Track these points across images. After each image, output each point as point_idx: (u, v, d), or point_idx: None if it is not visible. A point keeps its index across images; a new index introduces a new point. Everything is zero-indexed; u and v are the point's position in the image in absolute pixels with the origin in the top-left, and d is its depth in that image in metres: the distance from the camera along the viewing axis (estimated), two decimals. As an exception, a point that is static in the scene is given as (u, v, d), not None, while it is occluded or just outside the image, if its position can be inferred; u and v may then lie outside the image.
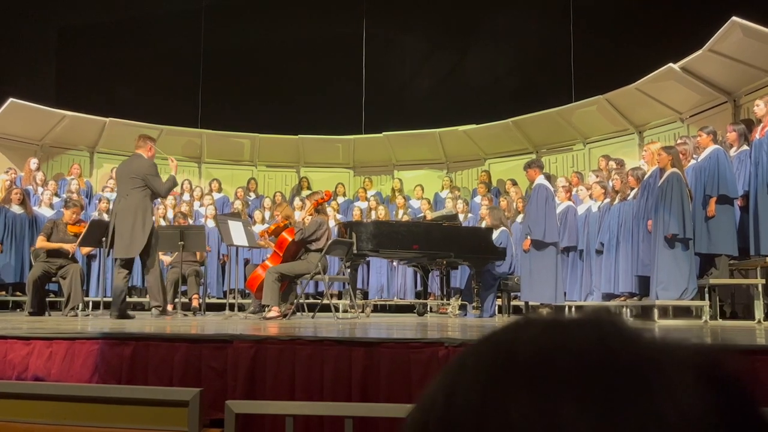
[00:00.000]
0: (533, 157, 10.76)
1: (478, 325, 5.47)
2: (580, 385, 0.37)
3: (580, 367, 0.38)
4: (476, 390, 0.39)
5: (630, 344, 0.40)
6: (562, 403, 0.36)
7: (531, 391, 0.37)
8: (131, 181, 6.33)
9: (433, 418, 0.40)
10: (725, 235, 6.48)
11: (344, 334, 3.45)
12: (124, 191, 6.41)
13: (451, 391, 0.40)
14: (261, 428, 2.73)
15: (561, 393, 0.37)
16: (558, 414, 0.36)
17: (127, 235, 6.22)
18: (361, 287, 10.36)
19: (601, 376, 0.37)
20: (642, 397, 0.36)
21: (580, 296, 8.37)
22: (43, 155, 11.53)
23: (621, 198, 7.73)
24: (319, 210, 7.08)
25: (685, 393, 0.37)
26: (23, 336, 3.23)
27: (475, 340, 0.44)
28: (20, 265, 9.07)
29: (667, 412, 0.36)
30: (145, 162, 6.46)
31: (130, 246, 6.24)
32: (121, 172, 6.56)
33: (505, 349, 0.41)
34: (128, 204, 6.28)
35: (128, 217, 6.25)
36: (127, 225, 6.24)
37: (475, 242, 8.07)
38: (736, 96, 8.79)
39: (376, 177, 12.99)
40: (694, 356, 0.40)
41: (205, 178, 12.71)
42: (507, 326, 0.43)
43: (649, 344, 0.40)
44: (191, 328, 4.41)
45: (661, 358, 0.39)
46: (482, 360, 0.41)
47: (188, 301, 8.52)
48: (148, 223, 6.34)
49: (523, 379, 0.38)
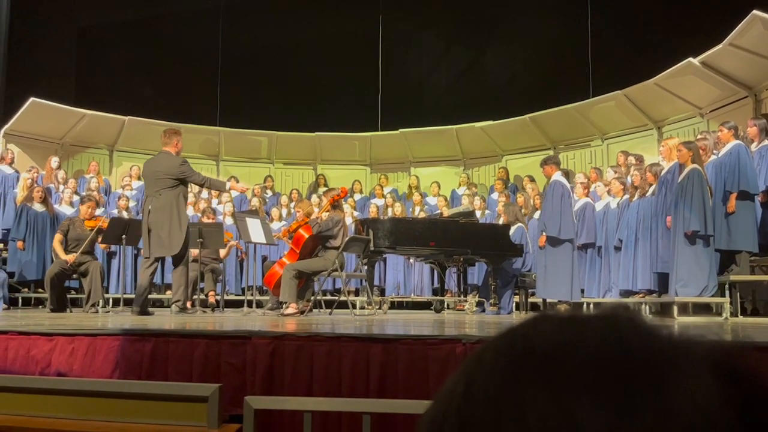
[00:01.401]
0: (550, 154, 10.71)
1: (496, 322, 5.46)
2: (596, 380, 0.37)
3: (597, 362, 0.38)
4: (493, 383, 0.39)
5: (647, 340, 0.40)
6: (578, 398, 0.37)
7: (547, 385, 0.38)
8: (162, 181, 6.24)
9: (452, 409, 0.40)
10: (745, 231, 6.41)
11: (362, 331, 3.46)
12: (155, 190, 6.28)
13: (469, 384, 0.41)
14: (279, 424, 2.75)
15: (577, 388, 0.37)
16: (574, 408, 0.36)
17: (165, 235, 6.16)
18: (378, 284, 10.37)
19: (617, 371, 0.38)
20: (658, 393, 0.37)
21: (599, 293, 8.32)
22: (64, 154, 11.67)
23: (640, 194, 7.66)
24: (335, 206, 7.09)
25: (701, 389, 0.37)
26: (46, 332, 3.28)
27: (494, 335, 0.44)
28: (42, 263, 9.19)
29: (683, 407, 0.36)
30: (175, 160, 6.35)
31: (170, 245, 6.20)
32: (150, 171, 6.42)
33: (522, 344, 0.41)
34: (162, 203, 6.20)
35: (164, 216, 6.17)
36: (164, 224, 6.17)
37: (493, 239, 8.04)
38: (757, 90, 8.67)
39: (392, 174, 12.98)
40: (710, 352, 0.40)
41: (223, 175, 12.79)
42: (524, 322, 0.44)
43: (665, 340, 0.40)
44: (210, 324, 4.44)
45: (677, 355, 0.39)
46: (500, 354, 0.41)
47: (205, 297, 8.59)
48: (184, 220, 6.30)
49: (540, 373, 0.39)
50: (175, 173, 6.26)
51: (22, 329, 3.35)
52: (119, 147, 12.27)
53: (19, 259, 9.15)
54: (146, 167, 6.57)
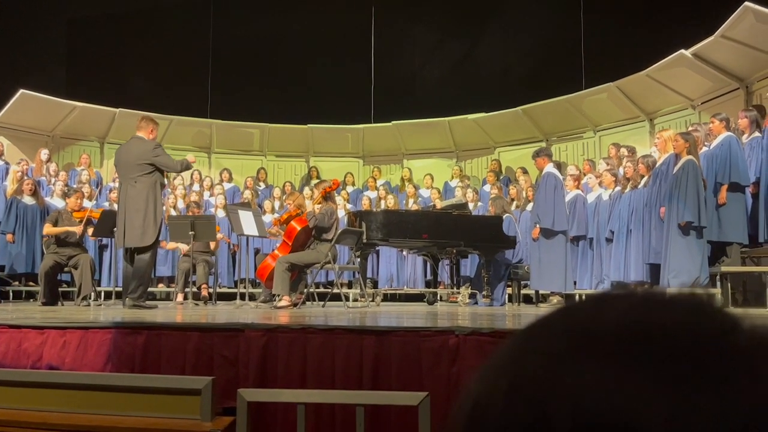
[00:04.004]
0: (543, 146, 10.72)
1: (489, 313, 5.47)
2: (666, 363, 0.36)
3: (669, 345, 0.37)
4: (550, 356, 0.38)
5: (724, 330, 0.39)
6: (642, 378, 0.36)
7: (610, 362, 0.36)
8: (138, 167, 5.95)
9: (502, 384, 0.39)
10: (736, 223, 6.44)
11: (355, 323, 3.46)
12: (130, 178, 5.99)
13: (518, 359, 0.39)
14: (273, 416, 2.75)
15: (644, 368, 0.36)
16: (636, 388, 0.35)
17: (140, 224, 5.89)
18: (371, 276, 10.37)
19: (690, 357, 0.36)
20: (722, 392, 0.35)
21: (591, 284, 8.35)
22: (54, 146, 11.60)
23: (632, 186, 7.69)
24: (327, 198, 7.08)
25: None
26: (37, 325, 3.26)
27: (543, 314, 0.43)
28: (32, 256, 9.15)
29: (743, 410, 0.35)
30: (148, 144, 6.07)
31: (144, 235, 5.91)
32: (123, 157, 6.12)
33: (587, 319, 0.40)
34: (138, 191, 5.93)
35: (139, 205, 5.90)
36: (140, 213, 5.88)
37: (485, 231, 8.05)
38: (749, 82, 8.70)
39: (385, 166, 12.97)
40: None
41: (215, 168, 12.75)
42: (591, 298, 0.42)
43: (745, 335, 0.39)
44: (203, 317, 4.43)
45: (754, 349, 0.38)
46: (555, 330, 0.40)
47: (198, 290, 8.57)
48: (159, 210, 6.05)
49: (604, 350, 0.37)
50: (150, 158, 5.97)
51: (13, 322, 3.33)
52: (110, 139, 12.19)
53: (10, 252, 9.10)
54: (119, 154, 6.28)
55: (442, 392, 2.70)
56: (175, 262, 9.64)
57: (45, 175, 10.45)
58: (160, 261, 9.46)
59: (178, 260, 9.28)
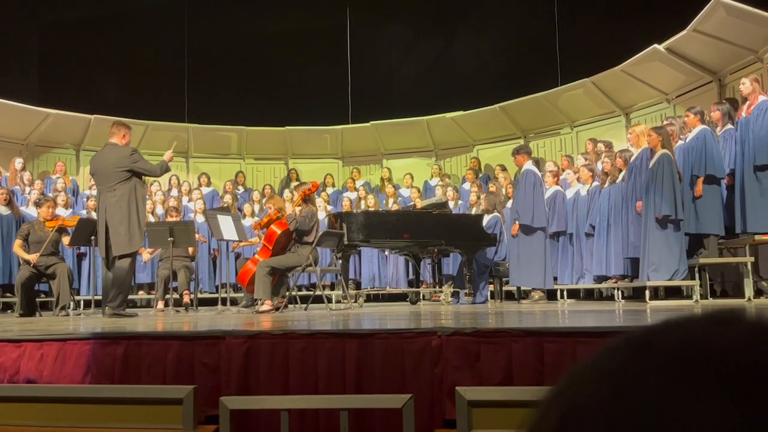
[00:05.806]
0: (521, 143, 10.77)
1: (471, 311, 5.48)
2: (739, 383, 0.33)
3: (743, 365, 0.34)
4: (656, 387, 0.35)
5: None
6: (715, 397, 0.33)
7: (735, 399, 0.33)
8: (116, 174, 5.86)
9: (604, 392, 0.36)
10: (712, 215, 6.52)
11: (337, 327, 3.45)
12: (108, 186, 5.91)
13: (625, 369, 0.36)
14: (256, 423, 2.73)
15: (715, 388, 0.33)
16: (708, 406, 0.33)
17: (125, 231, 5.82)
18: (354, 277, 10.36)
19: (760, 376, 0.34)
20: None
21: (572, 280, 8.41)
22: (29, 154, 11.43)
23: (611, 181, 7.75)
24: (306, 200, 7.06)
25: None
26: (14, 339, 3.20)
27: (655, 324, 0.39)
28: (8, 267, 9.00)
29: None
30: (124, 150, 5.98)
31: (131, 241, 5.84)
32: (100, 165, 6.02)
33: (698, 346, 0.36)
34: (118, 198, 5.85)
35: (122, 212, 5.82)
36: (123, 221, 5.82)
37: (466, 229, 8.08)
38: (721, 75, 8.82)
39: (364, 167, 12.96)
40: None
41: (193, 172, 12.64)
42: (703, 317, 0.39)
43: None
44: (183, 324, 4.39)
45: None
46: (673, 349, 0.37)
47: (179, 297, 8.49)
48: (142, 215, 5.99)
49: (725, 384, 0.34)
50: (127, 164, 5.88)
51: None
52: (86, 146, 12.04)
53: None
54: (94, 163, 6.16)
55: (426, 394, 2.70)
56: (154, 268, 9.55)
57: (19, 185, 10.29)
58: (139, 268, 9.37)
59: (157, 267, 9.19)
